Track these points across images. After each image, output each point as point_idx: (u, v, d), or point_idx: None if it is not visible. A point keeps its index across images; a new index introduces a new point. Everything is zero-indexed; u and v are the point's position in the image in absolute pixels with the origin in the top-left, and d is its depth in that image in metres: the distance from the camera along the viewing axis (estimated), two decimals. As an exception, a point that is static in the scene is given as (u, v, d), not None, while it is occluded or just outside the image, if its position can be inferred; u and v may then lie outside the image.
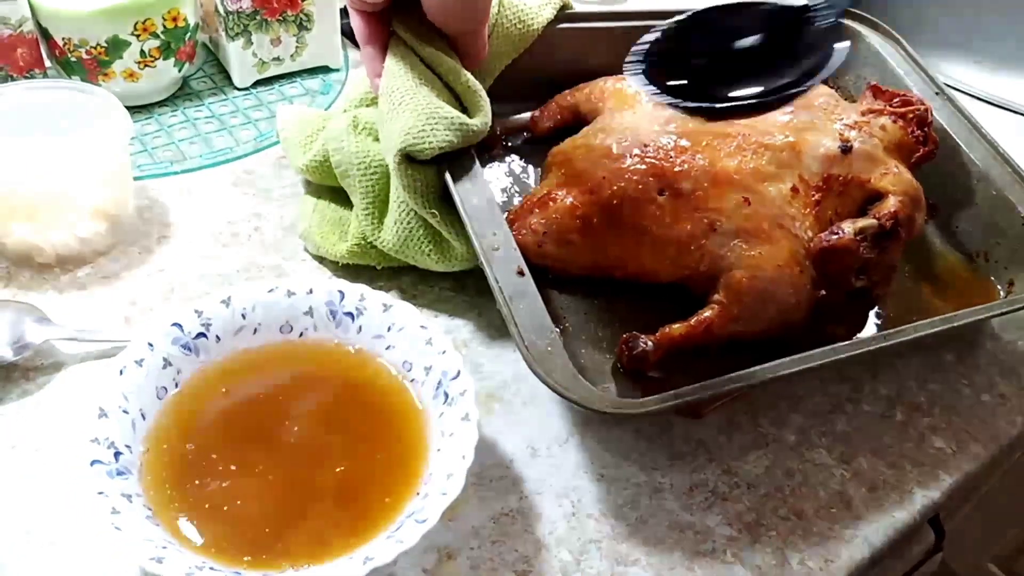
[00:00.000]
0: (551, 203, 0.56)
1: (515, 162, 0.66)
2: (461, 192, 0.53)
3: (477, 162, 0.56)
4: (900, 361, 0.59)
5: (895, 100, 0.62)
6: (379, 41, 0.59)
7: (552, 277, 0.57)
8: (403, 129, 0.54)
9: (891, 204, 0.56)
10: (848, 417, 0.55)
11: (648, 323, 0.54)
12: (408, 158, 0.54)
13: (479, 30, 0.60)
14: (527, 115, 0.67)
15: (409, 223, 0.56)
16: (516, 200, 0.63)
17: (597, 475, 0.50)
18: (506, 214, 0.56)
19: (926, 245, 0.64)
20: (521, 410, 0.53)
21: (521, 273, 0.50)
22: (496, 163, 0.66)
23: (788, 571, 0.47)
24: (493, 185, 0.64)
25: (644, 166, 0.54)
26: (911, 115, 0.60)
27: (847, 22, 0.72)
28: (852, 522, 0.49)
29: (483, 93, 0.58)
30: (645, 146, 0.55)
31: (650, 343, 0.51)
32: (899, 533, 0.49)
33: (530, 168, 0.66)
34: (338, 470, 0.44)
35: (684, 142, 0.55)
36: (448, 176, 0.54)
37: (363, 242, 0.60)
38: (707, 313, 0.53)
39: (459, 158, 0.55)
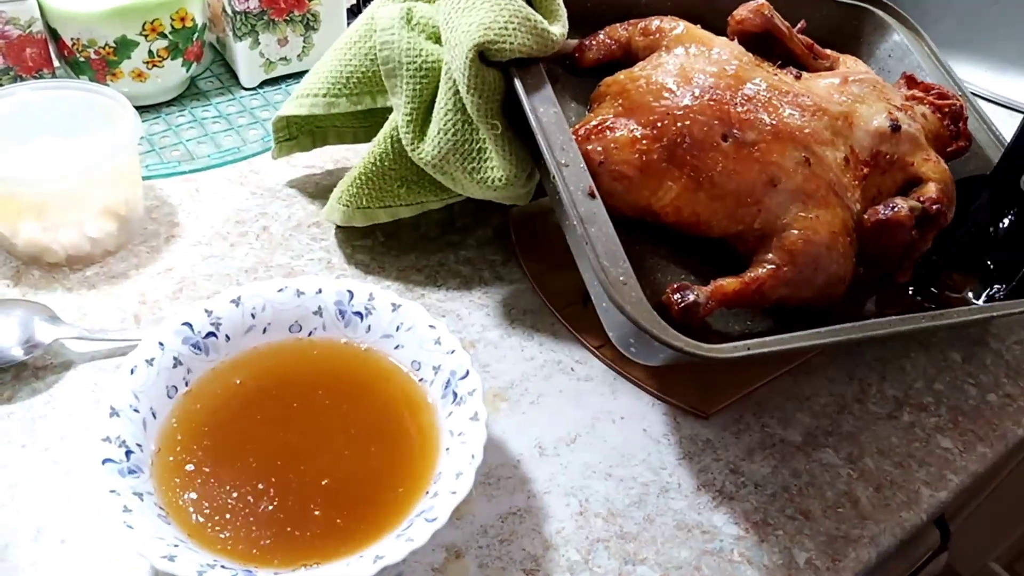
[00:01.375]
0: (609, 132, 0.52)
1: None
2: (532, 103, 0.50)
3: (544, 74, 0.52)
4: (907, 361, 0.59)
5: (932, 91, 0.62)
6: None
7: None
8: (482, 22, 0.50)
9: (933, 190, 0.55)
10: (855, 417, 0.55)
11: (688, 278, 0.52)
12: (481, 57, 0.50)
13: None
14: (573, 42, 0.60)
15: (456, 134, 0.53)
16: None
17: (605, 474, 0.50)
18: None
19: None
20: (529, 409, 0.53)
21: (592, 195, 0.48)
22: None
23: (795, 571, 0.47)
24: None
25: (710, 108, 0.52)
26: (947, 108, 0.60)
27: (877, 11, 0.72)
28: (859, 522, 0.49)
29: (561, 1, 0.54)
30: (711, 88, 0.53)
31: (701, 295, 0.49)
32: (906, 533, 0.50)
33: (570, 102, 0.59)
34: (348, 469, 0.44)
35: (749, 91, 0.53)
36: (519, 84, 0.50)
37: (380, 163, 0.56)
38: (761, 271, 0.51)
39: (527, 67, 0.51)
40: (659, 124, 0.52)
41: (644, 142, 0.52)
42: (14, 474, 0.47)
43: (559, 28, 0.53)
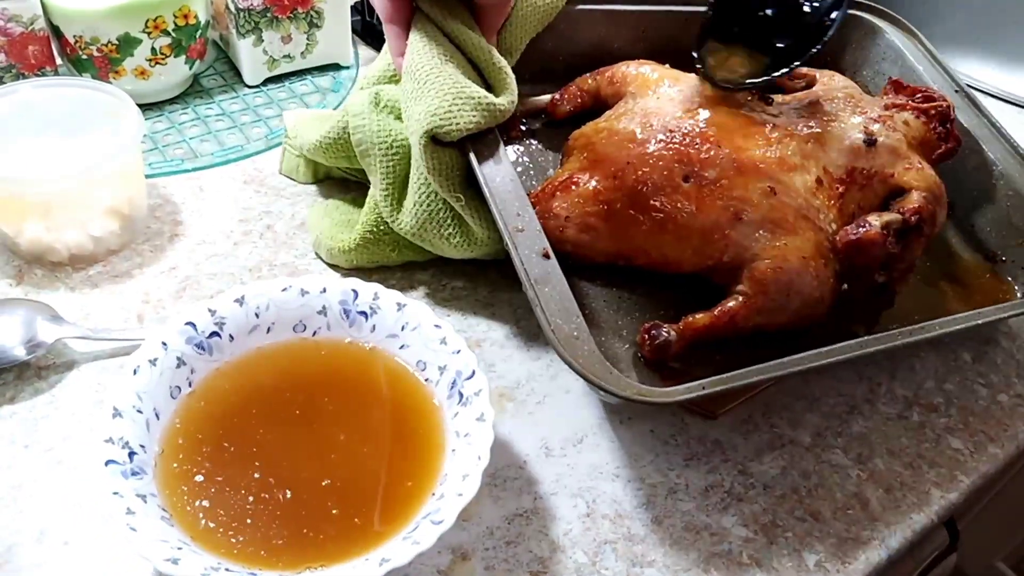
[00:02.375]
0: (574, 187, 0.55)
1: (533, 145, 0.64)
2: (486, 173, 0.52)
3: (500, 142, 0.54)
4: (917, 361, 0.59)
5: (917, 95, 0.61)
6: (403, 19, 0.58)
7: (571, 264, 0.54)
8: (429, 111, 0.52)
9: (915, 199, 0.55)
10: (864, 418, 0.55)
11: (667, 313, 0.54)
12: (434, 139, 0.53)
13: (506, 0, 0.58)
14: (546, 97, 0.66)
15: (429, 205, 0.55)
16: (534, 183, 0.61)
17: (612, 475, 0.50)
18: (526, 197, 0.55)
19: (943, 244, 0.63)
20: (535, 410, 0.53)
21: (547, 256, 0.50)
22: (514, 145, 0.64)
23: (805, 573, 0.46)
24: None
25: (669, 152, 0.53)
26: (933, 111, 0.60)
27: (866, 15, 0.72)
28: (869, 523, 0.49)
29: (509, 71, 0.57)
30: (670, 131, 0.54)
31: (673, 333, 0.51)
32: (916, 535, 0.49)
33: (548, 152, 0.64)
34: (353, 470, 0.44)
35: (710, 129, 0.54)
36: (473, 157, 0.53)
37: (374, 232, 0.58)
38: (731, 304, 0.52)
39: (482, 138, 0.54)
40: (620, 173, 0.54)
41: (607, 192, 0.54)
42: (17, 475, 0.47)
43: (506, 99, 0.55)
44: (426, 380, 0.48)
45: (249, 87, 0.78)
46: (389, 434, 0.46)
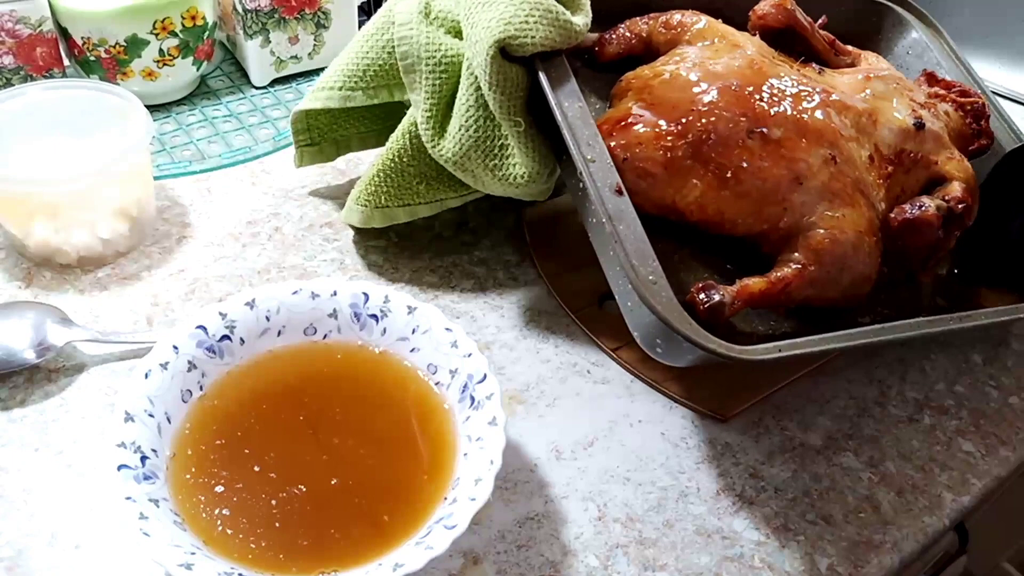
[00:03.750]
0: (632, 128, 0.51)
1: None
2: (557, 98, 0.49)
3: (569, 67, 0.51)
4: (927, 363, 0.59)
5: (954, 89, 0.61)
6: None
7: None
8: (503, 18, 0.48)
9: (958, 189, 0.54)
10: (875, 420, 0.55)
11: (712, 277, 0.51)
12: (502, 52, 0.49)
13: None
14: (593, 35, 0.59)
15: (478, 130, 0.52)
16: None
17: (623, 479, 0.50)
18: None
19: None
20: (545, 412, 0.53)
21: (619, 192, 0.47)
22: None
23: (817, 577, 0.46)
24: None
25: (735, 104, 0.51)
26: (969, 106, 0.59)
27: (897, 7, 0.71)
28: (881, 527, 0.49)
29: None
30: (736, 83, 0.52)
31: (727, 295, 0.48)
32: (929, 539, 0.49)
33: (589, 96, 0.57)
34: (365, 474, 0.44)
35: (773, 86, 0.52)
36: (544, 78, 0.49)
37: (398, 159, 0.55)
38: (786, 271, 0.50)
39: (551, 60, 0.50)
40: (684, 120, 0.51)
41: (669, 138, 0.50)
42: (28, 478, 0.47)
43: (582, 19, 0.52)
44: (437, 384, 0.48)
45: (256, 88, 0.78)
46: (400, 438, 0.46)
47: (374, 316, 0.49)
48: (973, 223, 0.56)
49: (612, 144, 0.50)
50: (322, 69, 0.80)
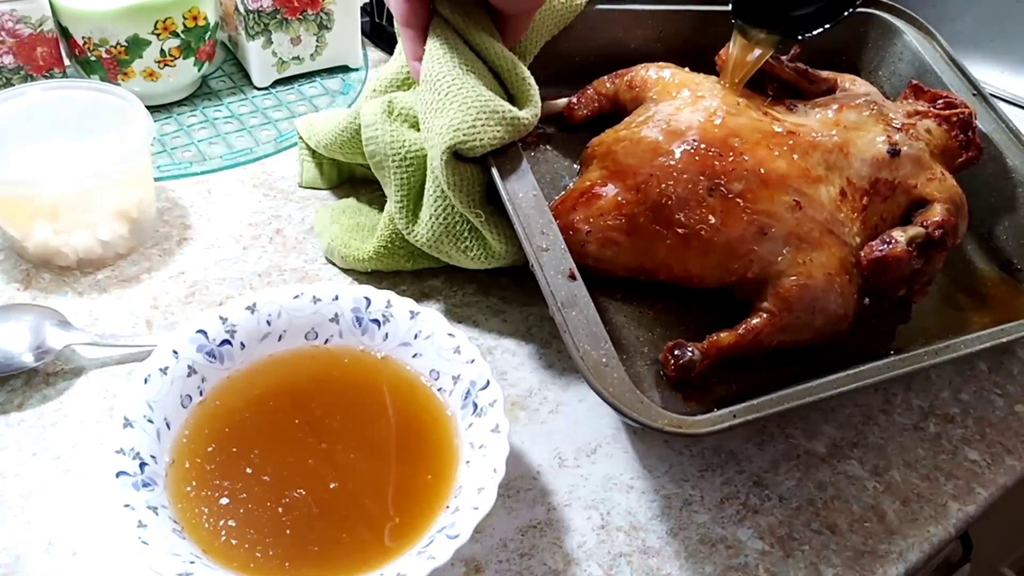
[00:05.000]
0: (595, 201, 0.53)
1: (548, 151, 0.62)
2: (509, 189, 0.50)
3: (523, 156, 0.52)
4: (933, 371, 0.58)
5: (938, 101, 0.60)
6: (420, 22, 0.55)
7: (591, 276, 0.52)
8: (452, 125, 0.50)
9: (938, 212, 0.54)
10: (880, 428, 0.54)
11: (688, 328, 0.53)
12: (455, 155, 0.51)
13: (534, 9, 0.56)
14: (562, 101, 0.63)
15: (446, 218, 0.54)
16: (548, 191, 0.59)
17: (626, 487, 0.49)
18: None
19: (959, 252, 0.63)
20: (548, 419, 0.52)
21: (573, 277, 0.48)
22: (528, 152, 0.61)
23: (822, 587, 0.46)
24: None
25: (694, 163, 0.52)
26: (955, 118, 0.59)
27: (885, 15, 0.71)
28: (886, 537, 0.48)
29: (533, 82, 0.54)
30: (694, 141, 0.52)
31: (697, 352, 0.49)
32: (935, 548, 0.48)
33: (564, 159, 0.62)
34: (366, 481, 0.43)
35: (733, 139, 0.53)
36: (496, 172, 0.51)
37: (390, 243, 0.58)
38: (755, 321, 0.51)
39: (504, 152, 0.52)
40: (643, 185, 0.52)
41: (629, 206, 0.52)
42: (25, 483, 0.46)
43: (529, 112, 0.53)
44: (439, 390, 0.47)
45: (258, 89, 0.78)
46: (402, 445, 0.45)
47: (376, 321, 0.49)
48: None
49: (576, 218, 0.53)
50: (325, 70, 0.80)
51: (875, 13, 0.71)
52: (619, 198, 0.52)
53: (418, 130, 0.56)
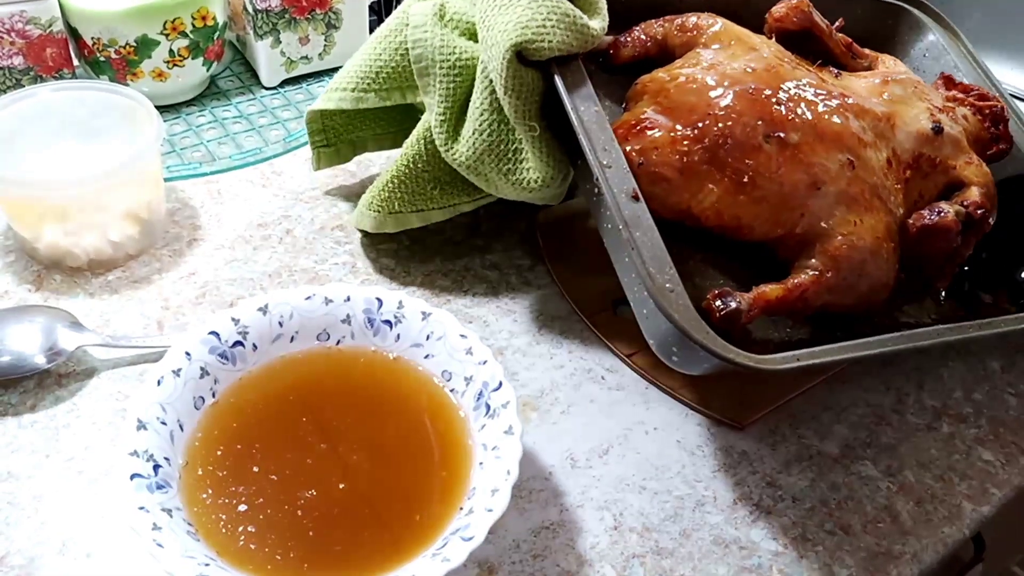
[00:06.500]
0: (647, 132, 0.50)
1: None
2: (574, 102, 0.48)
3: (585, 71, 0.50)
4: (945, 371, 0.58)
5: (972, 92, 0.60)
6: None
7: None
8: (519, 22, 0.48)
9: (976, 195, 0.54)
10: (893, 428, 0.54)
11: (728, 282, 0.51)
12: (519, 56, 0.48)
13: None
14: (608, 38, 0.58)
15: (492, 134, 0.51)
16: None
17: (639, 487, 0.49)
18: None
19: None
20: (559, 420, 0.52)
21: (636, 197, 0.46)
22: None
23: (836, 588, 0.46)
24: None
25: (752, 108, 0.50)
26: (988, 110, 0.59)
27: (914, 10, 0.70)
28: (900, 537, 0.48)
29: None
30: (753, 87, 0.51)
31: (743, 302, 0.47)
32: (948, 549, 0.48)
33: (604, 100, 0.55)
34: (379, 483, 0.43)
35: (792, 89, 0.51)
36: (560, 83, 0.48)
37: (412, 165, 0.55)
38: (803, 277, 0.49)
39: (567, 64, 0.49)
40: (700, 124, 0.50)
41: (685, 143, 0.50)
42: (39, 485, 0.46)
43: (599, 22, 0.51)
44: (452, 391, 0.47)
45: (267, 89, 0.78)
46: (415, 446, 0.45)
47: (388, 322, 0.49)
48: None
49: (627, 149, 0.50)
50: (333, 70, 0.80)
51: (905, 7, 0.70)
52: (674, 133, 0.50)
53: (470, 39, 0.54)
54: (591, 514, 0.48)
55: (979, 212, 0.53)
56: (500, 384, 0.45)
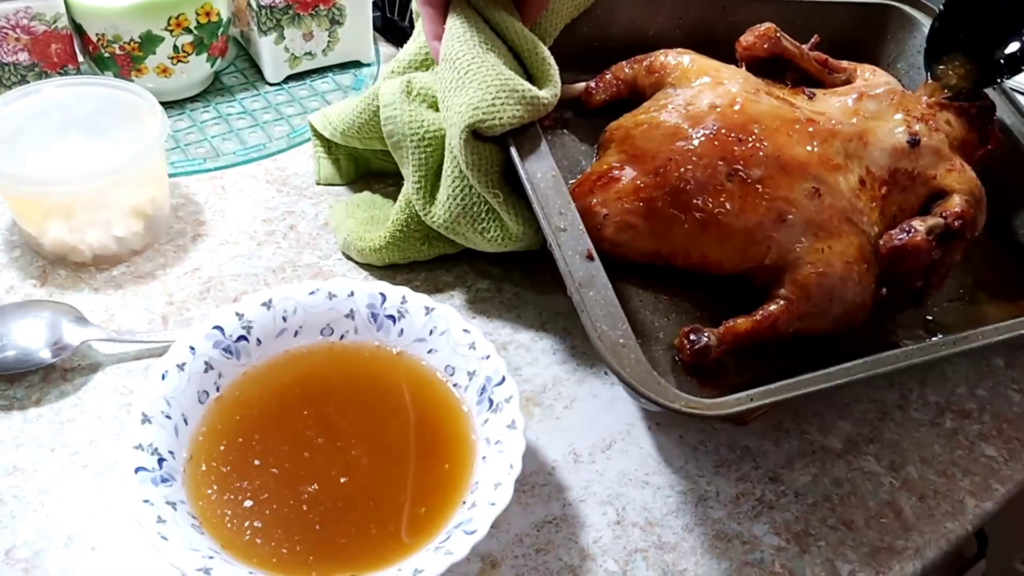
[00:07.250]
0: (613, 184, 0.52)
1: (565, 135, 0.61)
2: (528, 169, 0.50)
3: (542, 136, 0.52)
4: (949, 367, 0.58)
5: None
6: (440, 1, 0.55)
7: (607, 262, 0.51)
8: (471, 103, 0.50)
9: (957, 203, 0.54)
10: (896, 424, 0.54)
11: (704, 315, 0.52)
12: (474, 134, 0.51)
13: None
14: (580, 85, 0.62)
15: (464, 199, 0.54)
16: (566, 176, 0.56)
17: (642, 482, 0.49)
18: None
19: (976, 244, 0.62)
20: (562, 415, 0.52)
21: (590, 257, 0.47)
22: (545, 136, 0.58)
23: (838, 583, 0.46)
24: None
25: (713, 148, 0.51)
26: (974, 110, 0.58)
27: (905, 7, 0.70)
28: (903, 533, 0.48)
29: (553, 62, 0.54)
30: (713, 127, 0.52)
31: (713, 337, 0.49)
32: (951, 545, 0.48)
33: (582, 144, 0.61)
34: (382, 477, 0.44)
35: (753, 125, 0.52)
36: (515, 152, 0.50)
37: (405, 227, 0.57)
38: (773, 308, 0.50)
39: (523, 132, 0.52)
40: (662, 170, 0.52)
41: (648, 190, 0.52)
42: (44, 479, 0.47)
43: (549, 92, 0.53)
44: (455, 385, 0.47)
45: (270, 85, 0.78)
46: (418, 441, 0.46)
47: (391, 317, 0.49)
48: None
49: (593, 201, 0.52)
50: (337, 65, 0.80)
51: (895, 5, 0.70)
52: (637, 182, 0.52)
53: (437, 110, 0.56)
54: (594, 508, 0.48)
55: (957, 223, 0.53)
56: (503, 379, 0.45)
